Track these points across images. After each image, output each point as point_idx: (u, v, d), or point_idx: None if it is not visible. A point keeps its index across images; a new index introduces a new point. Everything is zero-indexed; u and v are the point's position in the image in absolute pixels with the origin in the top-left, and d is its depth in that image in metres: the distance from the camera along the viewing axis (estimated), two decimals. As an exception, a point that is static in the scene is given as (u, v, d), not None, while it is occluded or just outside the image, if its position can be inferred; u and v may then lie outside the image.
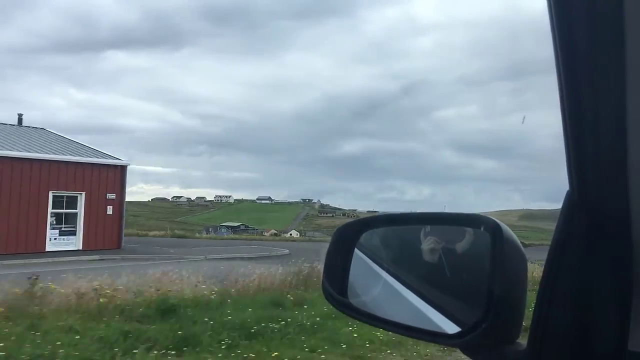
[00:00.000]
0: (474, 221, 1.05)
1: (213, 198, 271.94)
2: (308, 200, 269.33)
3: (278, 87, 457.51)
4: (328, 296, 1.26)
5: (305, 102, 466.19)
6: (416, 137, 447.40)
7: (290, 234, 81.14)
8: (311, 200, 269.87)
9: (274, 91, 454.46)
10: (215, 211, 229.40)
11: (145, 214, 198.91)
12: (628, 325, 0.84)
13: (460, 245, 1.06)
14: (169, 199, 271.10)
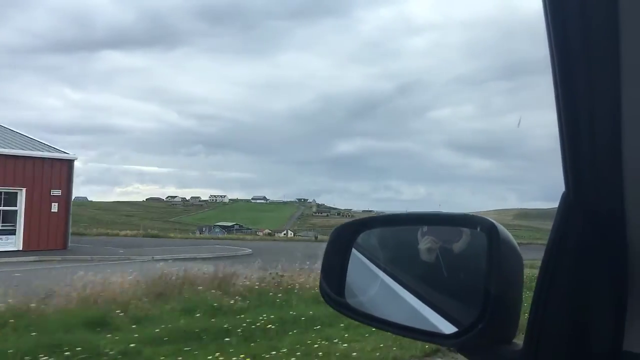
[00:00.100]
0: (470, 221, 1.06)
1: (208, 198, 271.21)
2: (303, 200, 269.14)
3: (274, 87, 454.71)
4: (325, 296, 1.26)
5: (301, 102, 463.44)
6: (412, 136, 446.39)
7: (284, 234, 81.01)
8: (306, 200, 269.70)
9: (270, 91, 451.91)
10: (210, 211, 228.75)
11: (139, 214, 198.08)
12: (623, 325, 0.85)
13: (457, 245, 1.07)
14: (164, 199, 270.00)
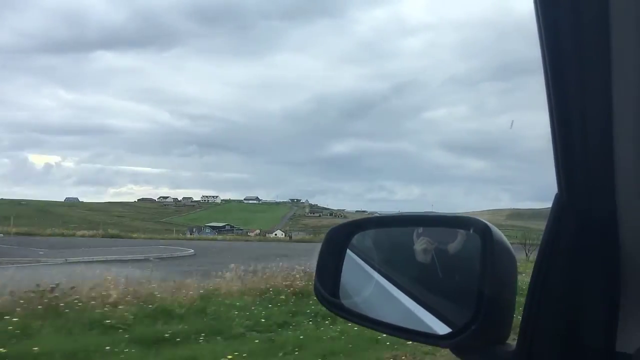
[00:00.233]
0: (464, 223, 1.06)
1: (200, 198, 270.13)
2: (296, 200, 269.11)
3: (268, 87, 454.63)
4: (320, 297, 1.26)
5: (295, 103, 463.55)
6: (406, 137, 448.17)
7: (275, 234, 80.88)
8: (299, 200, 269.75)
9: (264, 92, 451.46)
10: (202, 211, 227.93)
11: (130, 215, 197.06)
12: (616, 326, 0.85)
13: (452, 246, 1.07)
14: (156, 200, 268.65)
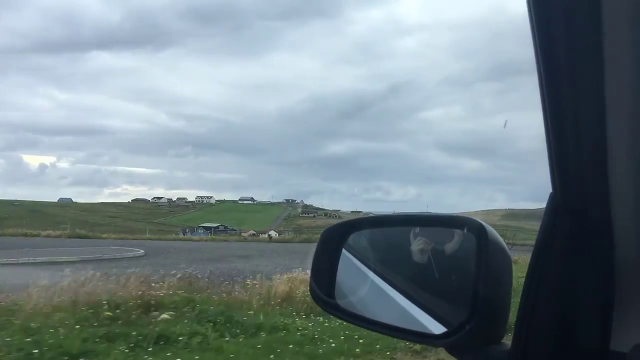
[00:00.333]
0: (459, 222, 1.06)
1: (194, 199, 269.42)
2: (291, 200, 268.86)
3: (264, 87, 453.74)
4: (315, 297, 1.26)
5: (292, 103, 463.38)
6: (402, 137, 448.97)
7: (269, 235, 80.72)
8: (295, 200, 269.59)
9: (260, 92, 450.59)
10: (196, 212, 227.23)
11: (123, 215, 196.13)
12: (610, 325, 0.86)
13: (449, 246, 1.07)
14: (150, 200, 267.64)
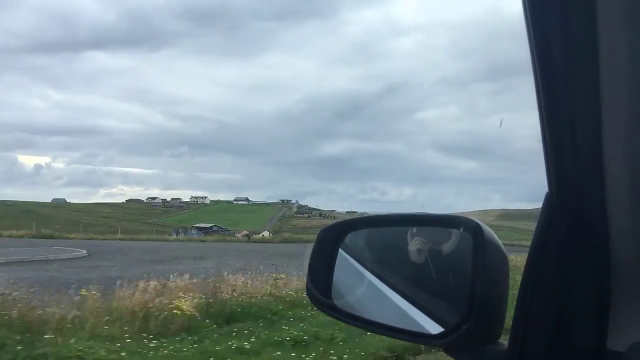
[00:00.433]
0: (455, 222, 1.06)
1: (189, 199, 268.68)
2: (287, 201, 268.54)
3: (260, 88, 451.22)
4: (312, 298, 1.26)
5: (287, 103, 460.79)
6: (398, 138, 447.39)
7: (263, 235, 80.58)
8: (290, 201, 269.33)
9: (256, 92, 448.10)
10: (191, 212, 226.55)
11: (117, 216, 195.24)
12: (607, 324, 0.86)
13: (446, 246, 1.07)
14: (144, 200, 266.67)
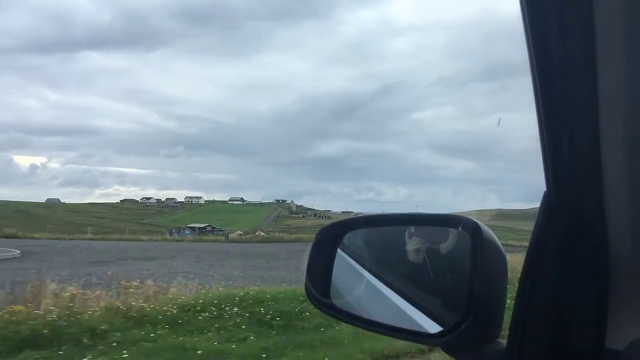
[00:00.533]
0: (454, 221, 1.06)
1: (184, 199, 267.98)
2: (282, 201, 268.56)
3: (256, 88, 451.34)
4: (311, 297, 1.26)
5: (284, 103, 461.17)
6: (394, 138, 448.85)
7: (256, 235, 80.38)
8: (285, 201, 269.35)
9: (252, 92, 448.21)
10: (185, 212, 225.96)
11: (111, 216, 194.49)
12: (605, 323, 0.87)
13: (444, 245, 1.07)
14: (139, 200, 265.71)
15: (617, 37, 0.73)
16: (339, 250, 1.30)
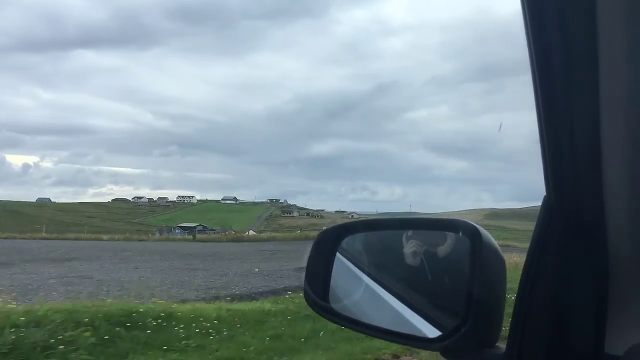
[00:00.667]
0: (453, 225, 1.06)
1: (175, 198, 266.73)
2: (275, 200, 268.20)
3: (250, 87, 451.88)
4: (309, 301, 1.25)
5: (278, 103, 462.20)
6: (389, 137, 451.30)
7: (247, 234, 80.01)
8: (279, 200, 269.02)
9: (246, 92, 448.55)
10: (177, 211, 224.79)
11: (102, 215, 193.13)
12: (604, 328, 0.87)
13: (441, 249, 1.07)
14: (130, 200, 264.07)
15: (618, 38, 0.72)
16: (337, 254, 1.30)
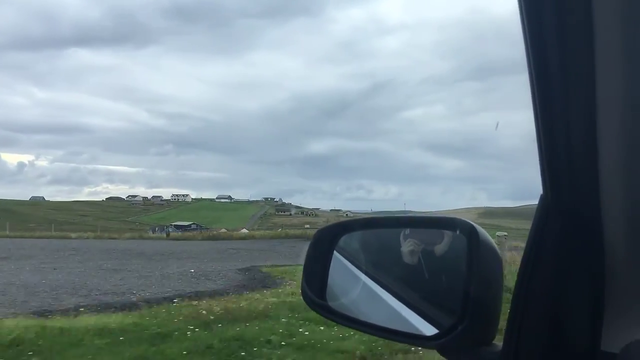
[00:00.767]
0: (450, 224, 1.07)
1: (170, 197, 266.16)
2: (270, 199, 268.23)
3: (246, 86, 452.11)
4: (307, 299, 1.25)
5: (274, 102, 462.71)
6: (385, 136, 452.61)
7: (239, 232, 79.82)
8: (274, 199, 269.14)
9: (242, 90, 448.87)
10: (171, 210, 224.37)
11: (95, 214, 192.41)
12: (601, 326, 0.87)
13: (439, 247, 1.07)
14: (124, 198, 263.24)
15: (615, 37, 0.72)
16: (335, 252, 1.30)
